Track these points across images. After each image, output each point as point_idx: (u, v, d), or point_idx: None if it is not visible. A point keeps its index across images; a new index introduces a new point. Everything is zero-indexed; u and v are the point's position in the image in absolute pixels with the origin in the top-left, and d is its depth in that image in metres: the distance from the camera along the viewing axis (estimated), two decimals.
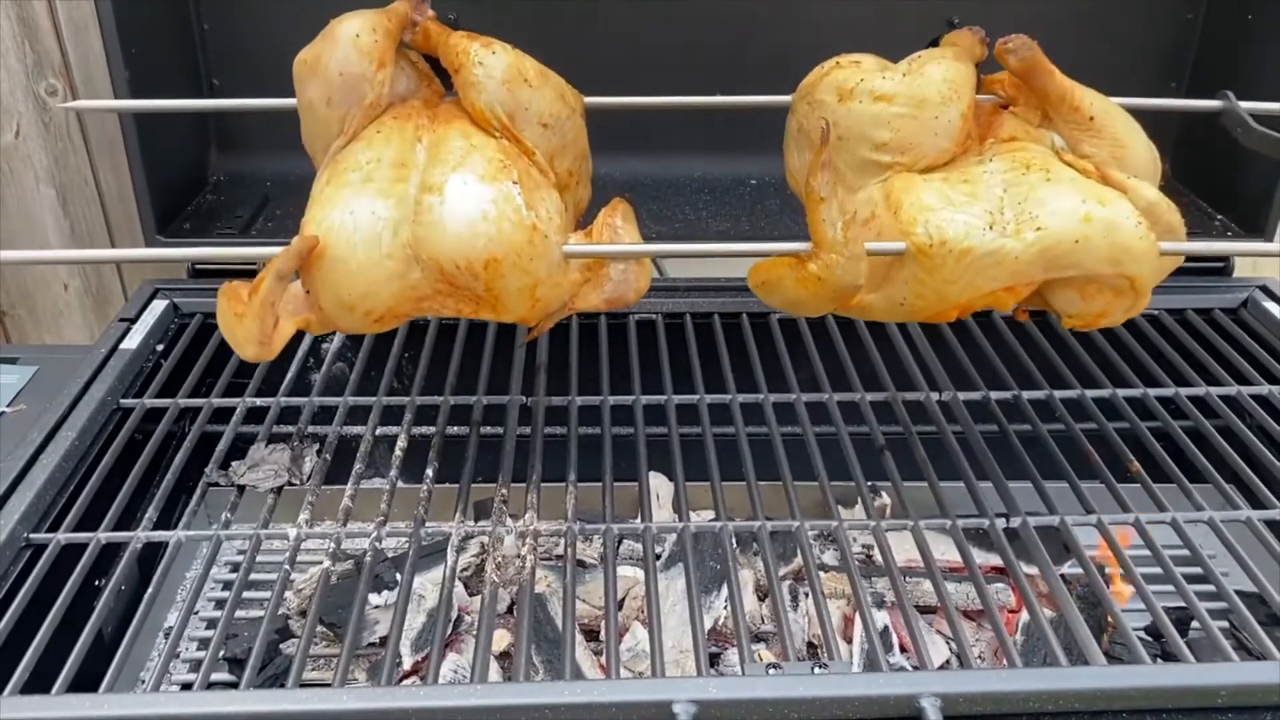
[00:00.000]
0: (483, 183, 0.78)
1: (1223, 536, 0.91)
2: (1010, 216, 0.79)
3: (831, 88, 0.83)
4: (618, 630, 0.84)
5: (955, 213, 0.79)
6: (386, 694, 0.71)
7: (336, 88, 0.83)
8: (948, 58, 0.84)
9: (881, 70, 0.83)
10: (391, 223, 0.77)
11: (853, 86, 0.82)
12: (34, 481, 0.91)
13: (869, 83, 0.82)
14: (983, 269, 0.78)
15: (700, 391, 1.09)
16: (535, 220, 0.78)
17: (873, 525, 0.92)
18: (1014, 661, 0.80)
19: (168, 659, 0.79)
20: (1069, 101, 0.84)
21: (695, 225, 1.34)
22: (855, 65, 0.83)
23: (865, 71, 0.82)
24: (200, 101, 0.86)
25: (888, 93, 0.81)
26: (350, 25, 0.84)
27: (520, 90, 0.82)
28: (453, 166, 0.79)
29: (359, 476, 0.97)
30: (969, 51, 0.86)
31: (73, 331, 1.65)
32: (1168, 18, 1.35)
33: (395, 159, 0.80)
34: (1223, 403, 1.09)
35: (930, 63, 0.83)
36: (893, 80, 0.82)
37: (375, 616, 1.07)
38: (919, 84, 0.82)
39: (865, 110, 0.82)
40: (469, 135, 0.82)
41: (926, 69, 0.83)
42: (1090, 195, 0.79)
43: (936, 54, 0.85)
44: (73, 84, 1.47)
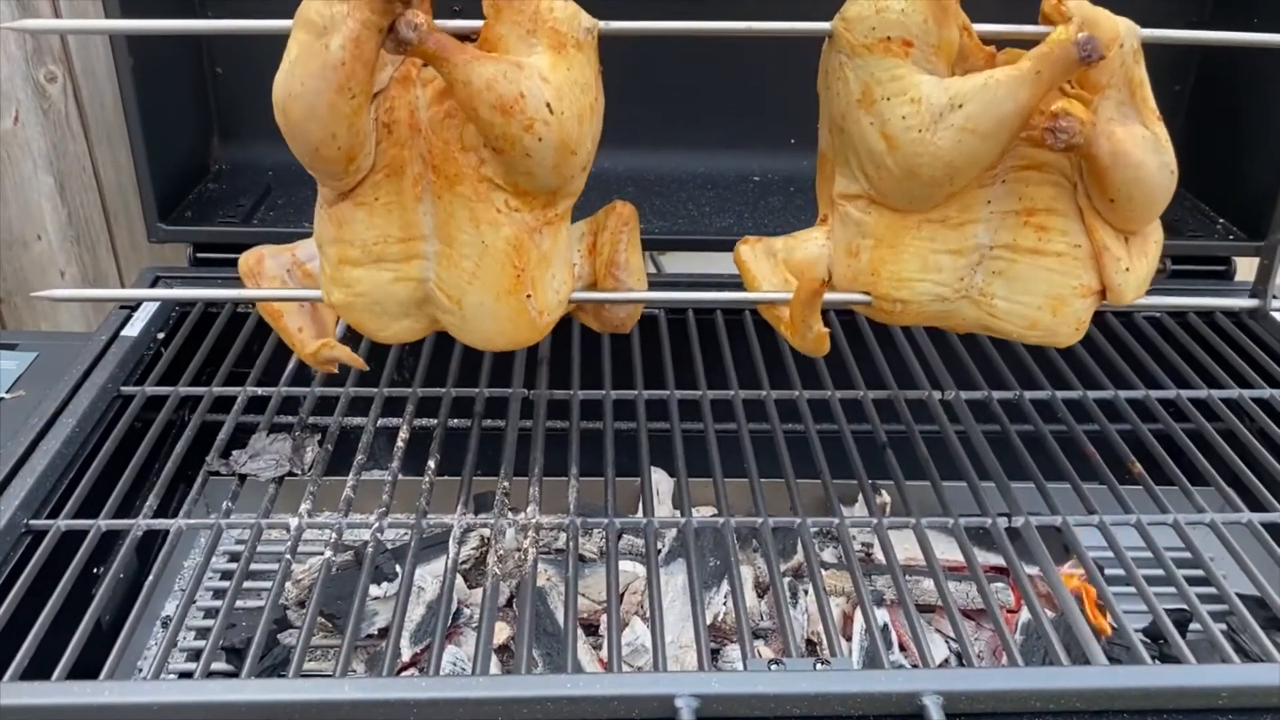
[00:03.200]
0: (499, 301, 0.82)
1: (1224, 539, 0.91)
2: (979, 283, 0.85)
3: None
4: (619, 624, 0.84)
5: (928, 283, 0.85)
6: (388, 685, 0.70)
7: (316, 163, 0.78)
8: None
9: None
10: (414, 303, 0.84)
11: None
12: (34, 468, 0.91)
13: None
14: (930, 318, 0.88)
15: (703, 387, 1.09)
16: (546, 319, 0.85)
17: (874, 523, 0.92)
18: (1015, 660, 0.80)
19: (167, 648, 0.79)
20: (1099, 181, 0.83)
21: (698, 221, 1.34)
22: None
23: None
24: (186, 22, 0.84)
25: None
26: (304, 88, 0.73)
27: (566, 163, 0.79)
28: (468, 277, 0.81)
29: (360, 467, 0.97)
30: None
31: (69, 320, 1.64)
32: (1173, 21, 1.35)
33: (401, 233, 0.81)
34: (1224, 405, 1.09)
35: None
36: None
37: (374, 608, 1.06)
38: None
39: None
40: (478, 220, 0.80)
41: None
42: (1051, 297, 0.85)
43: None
44: (73, 71, 1.47)
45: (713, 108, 1.38)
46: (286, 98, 0.75)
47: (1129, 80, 0.81)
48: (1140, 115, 0.82)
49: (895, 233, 0.84)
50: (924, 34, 0.78)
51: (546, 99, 0.75)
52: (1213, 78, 1.35)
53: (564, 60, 0.77)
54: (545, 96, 0.75)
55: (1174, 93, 1.38)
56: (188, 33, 0.89)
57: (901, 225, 0.83)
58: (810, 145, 0.94)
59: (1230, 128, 1.33)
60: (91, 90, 1.48)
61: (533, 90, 0.75)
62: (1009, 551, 0.90)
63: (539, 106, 0.75)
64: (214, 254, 1.28)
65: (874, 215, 0.84)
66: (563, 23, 0.77)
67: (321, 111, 0.74)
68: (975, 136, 0.78)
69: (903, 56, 0.78)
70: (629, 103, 1.00)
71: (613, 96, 0.82)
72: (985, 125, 0.78)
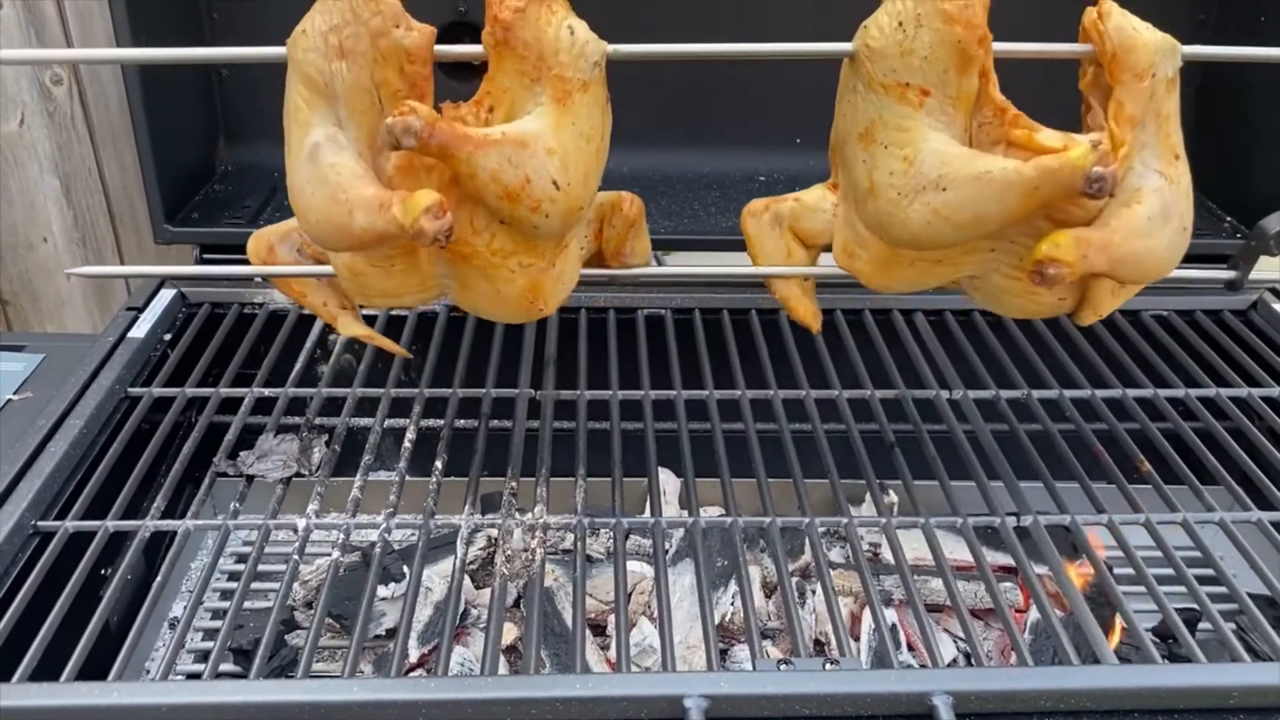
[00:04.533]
0: (513, 310, 0.85)
1: (1233, 537, 0.90)
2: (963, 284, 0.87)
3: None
4: (627, 624, 0.84)
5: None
6: (396, 685, 0.70)
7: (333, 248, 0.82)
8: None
9: None
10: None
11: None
12: (41, 469, 0.91)
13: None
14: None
15: (709, 387, 1.09)
16: (552, 308, 0.86)
17: (883, 523, 0.92)
18: (1025, 660, 0.79)
19: (175, 649, 0.79)
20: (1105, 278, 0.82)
21: (703, 221, 1.33)
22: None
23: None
24: (191, 51, 0.84)
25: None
26: (314, 204, 0.76)
27: (574, 218, 0.81)
28: (485, 303, 0.85)
29: (367, 468, 0.97)
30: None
31: (75, 321, 1.64)
32: (1180, 19, 1.35)
33: (418, 286, 0.84)
34: (1233, 404, 1.09)
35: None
36: None
37: (382, 609, 1.06)
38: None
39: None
40: (493, 279, 0.82)
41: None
42: (1028, 311, 0.86)
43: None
44: (78, 73, 1.47)
45: (718, 107, 1.38)
46: (299, 207, 0.77)
47: (1157, 114, 0.78)
48: (1160, 153, 0.79)
49: (887, 262, 0.84)
50: (943, 84, 0.76)
51: (553, 176, 0.76)
52: (1221, 73, 1.35)
53: (569, 113, 0.77)
54: (551, 173, 0.76)
55: (1181, 90, 1.38)
56: (192, 62, 0.90)
57: (894, 257, 0.83)
58: (814, 145, 0.94)
59: (1238, 125, 1.33)
60: (97, 92, 1.48)
61: (538, 171, 0.75)
62: (1018, 551, 0.89)
63: (545, 186, 0.76)
64: (220, 255, 1.28)
65: (871, 238, 0.83)
66: (568, 67, 0.76)
67: (332, 225, 0.76)
68: (947, 225, 0.76)
69: (916, 106, 0.76)
70: (634, 103, 1.00)
71: (618, 97, 0.81)
72: (961, 217, 0.76)
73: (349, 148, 0.76)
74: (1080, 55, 0.79)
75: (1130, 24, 0.77)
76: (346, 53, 0.74)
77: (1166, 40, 0.77)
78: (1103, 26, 0.77)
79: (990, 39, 0.76)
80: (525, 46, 0.75)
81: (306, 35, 0.75)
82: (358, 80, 0.75)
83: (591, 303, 1.24)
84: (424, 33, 0.75)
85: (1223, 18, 1.34)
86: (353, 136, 0.76)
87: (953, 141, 0.77)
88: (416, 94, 0.75)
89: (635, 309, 1.23)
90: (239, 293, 1.24)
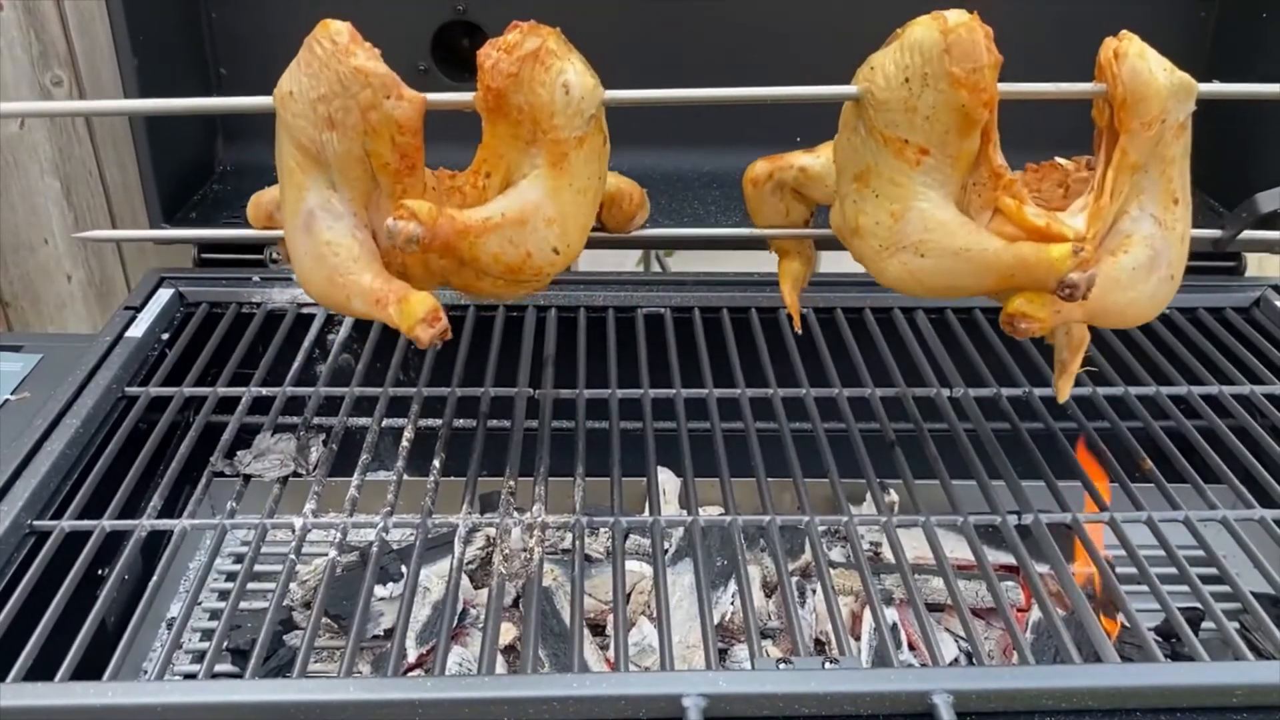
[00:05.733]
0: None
1: (1236, 535, 0.90)
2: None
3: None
4: (626, 623, 0.84)
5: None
6: (393, 685, 0.70)
7: None
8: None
9: None
10: None
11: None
12: (38, 469, 0.91)
13: None
14: None
15: (709, 386, 1.09)
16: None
17: (883, 521, 0.92)
18: (1026, 659, 0.79)
19: (171, 649, 0.78)
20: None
21: (704, 220, 1.33)
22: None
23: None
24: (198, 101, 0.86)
25: None
26: (315, 279, 0.79)
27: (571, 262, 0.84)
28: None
29: (365, 468, 0.97)
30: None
31: (76, 323, 1.64)
32: (1181, 14, 1.35)
33: (420, 281, 0.84)
34: (1236, 402, 1.08)
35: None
36: None
37: (379, 609, 1.06)
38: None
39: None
40: (498, 291, 0.84)
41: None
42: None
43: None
44: (78, 75, 1.47)
45: (718, 106, 1.37)
46: (298, 273, 0.79)
47: (1162, 158, 0.78)
48: (1158, 198, 0.79)
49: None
50: (943, 144, 0.75)
51: (553, 244, 0.77)
52: (1223, 73, 1.34)
53: (566, 174, 0.77)
54: (552, 242, 0.77)
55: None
56: (189, 112, 0.93)
57: None
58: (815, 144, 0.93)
59: (1240, 122, 1.32)
60: (97, 94, 1.48)
61: (539, 245, 0.77)
62: (1019, 549, 0.89)
63: (546, 255, 0.77)
64: (219, 254, 1.28)
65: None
66: (563, 129, 0.75)
67: (331, 302, 0.79)
68: (920, 286, 0.79)
69: (913, 165, 0.76)
70: None
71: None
72: (934, 283, 0.78)
73: (345, 215, 0.77)
74: (1093, 95, 0.78)
75: (1146, 67, 0.75)
76: (336, 124, 0.74)
77: (1182, 85, 0.76)
78: (1117, 69, 0.75)
79: (997, 100, 0.75)
80: (519, 112, 0.75)
81: (294, 99, 0.74)
82: (349, 150, 0.75)
83: (590, 301, 1.23)
84: (414, 103, 0.74)
85: (1224, 14, 1.33)
86: (347, 198, 0.77)
87: (944, 203, 0.77)
88: (408, 164, 0.76)
89: (634, 307, 1.23)
90: (237, 292, 1.24)
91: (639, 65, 1.33)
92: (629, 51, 1.32)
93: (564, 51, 0.75)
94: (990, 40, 0.73)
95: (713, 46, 1.34)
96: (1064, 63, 1.36)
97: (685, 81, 0.82)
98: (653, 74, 1.33)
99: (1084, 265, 0.73)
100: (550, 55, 0.74)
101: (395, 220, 0.72)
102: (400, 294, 0.76)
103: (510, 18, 1.28)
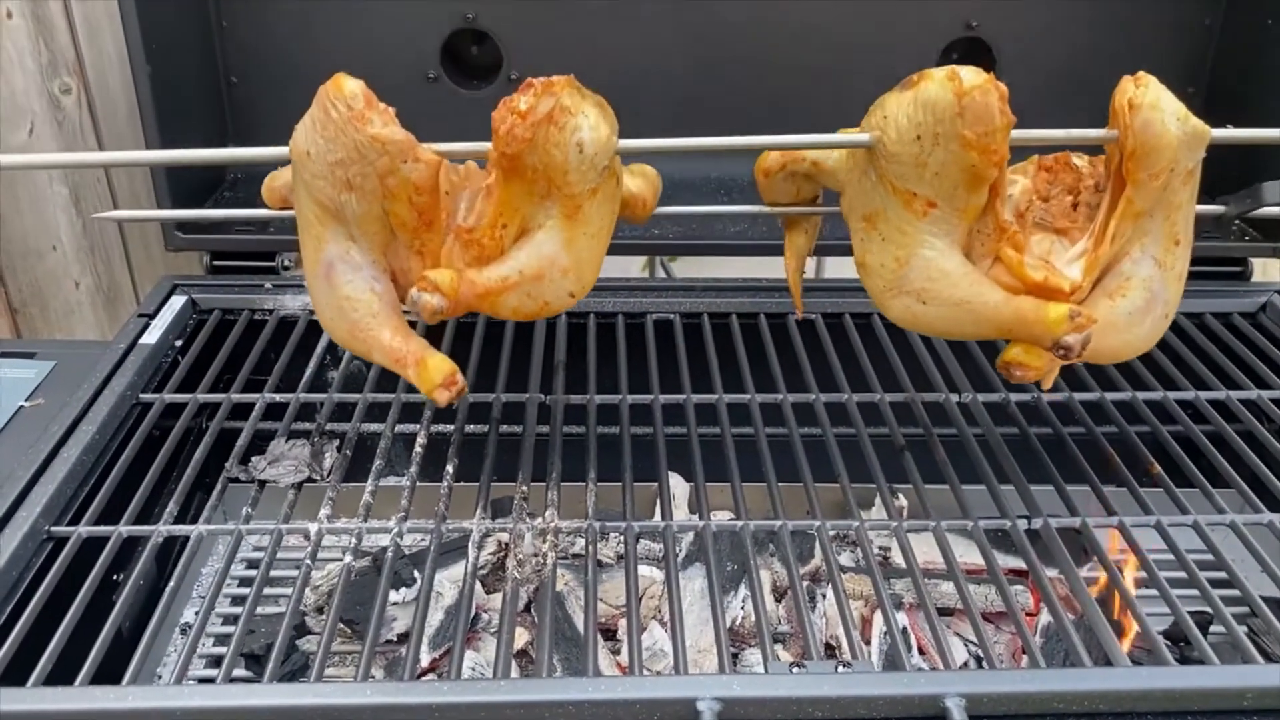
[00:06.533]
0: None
1: (1245, 539, 0.90)
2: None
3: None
4: (639, 628, 0.84)
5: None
6: (409, 689, 0.70)
7: None
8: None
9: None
10: None
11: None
12: (54, 475, 0.91)
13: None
14: None
15: (719, 391, 1.09)
16: None
17: (894, 526, 0.92)
18: (1037, 662, 0.79)
19: (188, 654, 0.79)
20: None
21: (710, 226, 1.34)
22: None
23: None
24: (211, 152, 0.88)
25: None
26: (335, 328, 0.81)
27: None
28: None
29: (379, 473, 0.97)
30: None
31: (84, 329, 1.65)
32: (1186, 24, 1.35)
33: None
34: (1243, 406, 1.09)
35: None
36: None
37: (393, 614, 1.07)
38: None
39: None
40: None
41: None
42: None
43: None
44: (87, 83, 1.48)
45: (724, 111, 1.38)
46: (321, 318, 0.82)
47: (1168, 204, 0.78)
48: (1161, 240, 0.79)
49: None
50: (951, 198, 0.76)
51: (569, 290, 0.80)
52: (1227, 77, 1.35)
53: (580, 225, 0.79)
54: (567, 288, 0.80)
55: (1187, 95, 1.38)
56: (204, 163, 0.94)
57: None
58: None
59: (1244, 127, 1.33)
60: (105, 101, 1.49)
61: (556, 293, 0.80)
62: (1029, 554, 0.89)
63: (562, 299, 0.81)
64: (231, 262, 1.29)
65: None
66: (577, 185, 0.77)
67: (355, 350, 0.81)
68: (920, 325, 0.82)
69: (921, 215, 0.77)
70: (641, 107, 1.00)
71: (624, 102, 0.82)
72: (935, 327, 0.81)
73: (363, 266, 0.79)
74: (1104, 141, 0.78)
75: (1159, 119, 0.75)
76: (354, 188, 0.75)
77: (1195, 135, 0.76)
78: (1129, 120, 0.75)
79: (1007, 159, 0.75)
80: (534, 171, 0.76)
81: (312, 160, 0.75)
82: (368, 211, 0.76)
83: (599, 307, 1.24)
84: (430, 165, 0.75)
85: (1228, 23, 1.34)
86: (365, 248, 0.79)
87: (949, 251, 0.78)
88: (425, 220, 0.77)
89: (644, 313, 1.24)
90: (249, 299, 1.25)
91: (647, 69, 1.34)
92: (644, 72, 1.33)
93: (578, 106, 0.75)
94: (1004, 102, 0.73)
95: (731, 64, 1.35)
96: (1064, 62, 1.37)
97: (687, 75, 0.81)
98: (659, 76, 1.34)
99: (1080, 328, 0.75)
100: (564, 114, 0.74)
101: (419, 292, 0.75)
102: (418, 356, 0.78)
103: (519, 25, 1.31)
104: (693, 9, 1.32)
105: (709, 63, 1.35)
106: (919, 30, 1.32)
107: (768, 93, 1.36)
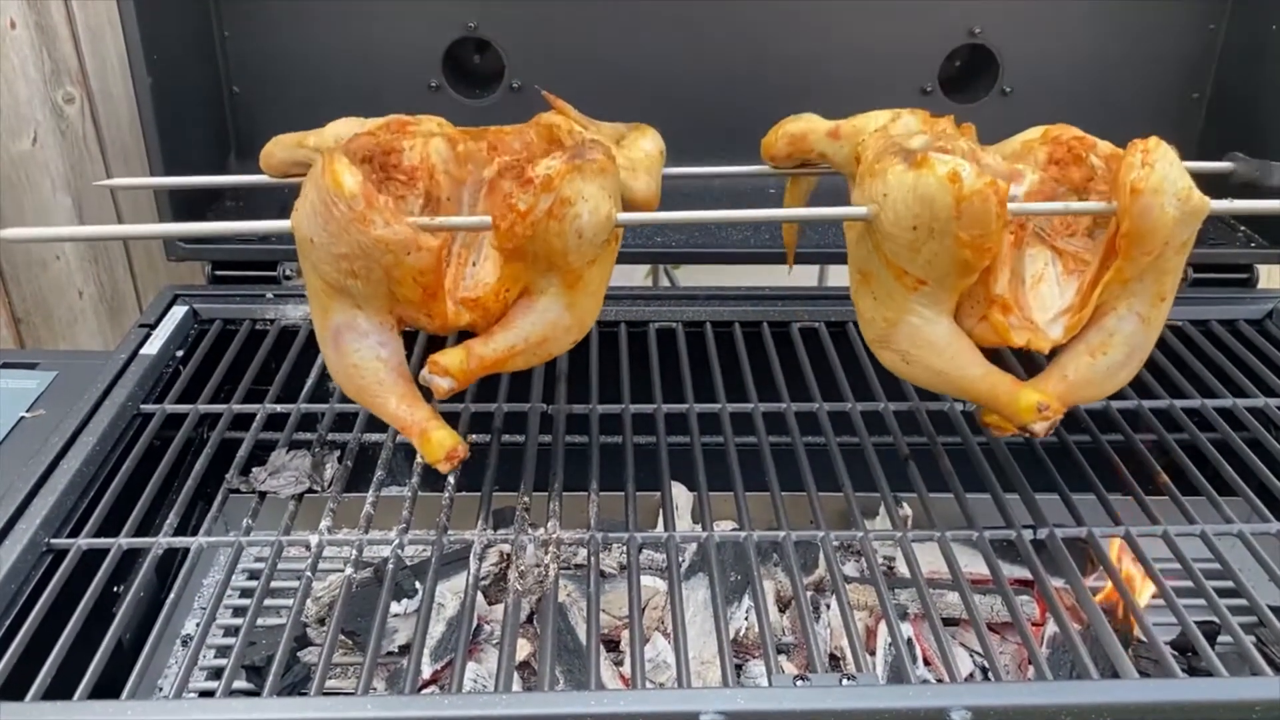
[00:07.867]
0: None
1: (1253, 549, 0.89)
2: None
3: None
4: (642, 639, 0.84)
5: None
6: (410, 702, 0.70)
7: None
8: None
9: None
10: None
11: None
12: (55, 486, 0.91)
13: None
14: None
15: (722, 400, 1.09)
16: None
17: (898, 536, 0.91)
18: (1044, 674, 0.78)
19: (188, 667, 0.78)
20: None
21: (714, 234, 1.33)
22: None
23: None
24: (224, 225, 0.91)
25: None
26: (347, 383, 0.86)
27: None
28: None
29: (380, 484, 0.97)
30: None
31: (87, 338, 1.65)
32: (1190, 27, 1.35)
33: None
34: (1250, 414, 1.08)
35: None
36: None
37: (394, 625, 1.06)
38: None
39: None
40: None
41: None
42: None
43: None
44: (90, 92, 1.48)
45: (727, 119, 1.38)
46: (334, 377, 0.86)
47: (1158, 270, 0.79)
48: (1148, 299, 0.80)
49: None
50: (941, 281, 0.79)
51: (572, 340, 0.85)
52: (1231, 83, 1.35)
53: (581, 289, 0.83)
54: (571, 339, 0.85)
55: (1192, 100, 1.38)
56: (210, 235, 0.96)
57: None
58: None
59: (1249, 132, 1.33)
60: (109, 111, 1.49)
61: (560, 348, 0.86)
62: (1035, 564, 0.89)
63: (565, 347, 0.87)
64: (232, 271, 1.28)
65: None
66: (576, 263, 0.80)
67: (367, 409, 0.87)
68: (904, 376, 0.87)
69: (911, 289, 0.80)
70: (642, 117, 1.00)
71: (626, 111, 0.82)
72: (918, 380, 0.86)
73: (370, 332, 0.82)
74: (1102, 213, 0.79)
75: (1159, 204, 0.75)
76: (359, 276, 0.78)
77: (1193, 212, 0.76)
78: (1129, 202, 0.75)
79: (999, 251, 0.78)
80: (535, 256, 0.80)
81: (316, 247, 0.77)
82: (374, 291, 0.79)
83: (602, 316, 1.23)
84: (432, 250, 0.77)
85: (1233, 27, 1.33)
86: (372, 312, 0.82)
87: (936, 318, 0.82)
88: (430, 293, 0.80)
89: (646, 322, 1.23)
90: (250, 309, 1.24)
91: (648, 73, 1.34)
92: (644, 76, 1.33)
93: (577, 194, 0.77)
94: (1003, 205, 0.74)
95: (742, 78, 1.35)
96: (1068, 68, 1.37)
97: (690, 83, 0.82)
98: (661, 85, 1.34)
99: (1046, 419, 0.80)
100: (564, 206, 0.76)
101: (430, 374, 0.81)
102: (422, 428, 0.83)
103: (522, 35, 1.31)
104: (694, 18, 1.32)
105: (711, 71, 1.34)
106: (922, 37, 1.32)
107: (769, 100, 1.35)
